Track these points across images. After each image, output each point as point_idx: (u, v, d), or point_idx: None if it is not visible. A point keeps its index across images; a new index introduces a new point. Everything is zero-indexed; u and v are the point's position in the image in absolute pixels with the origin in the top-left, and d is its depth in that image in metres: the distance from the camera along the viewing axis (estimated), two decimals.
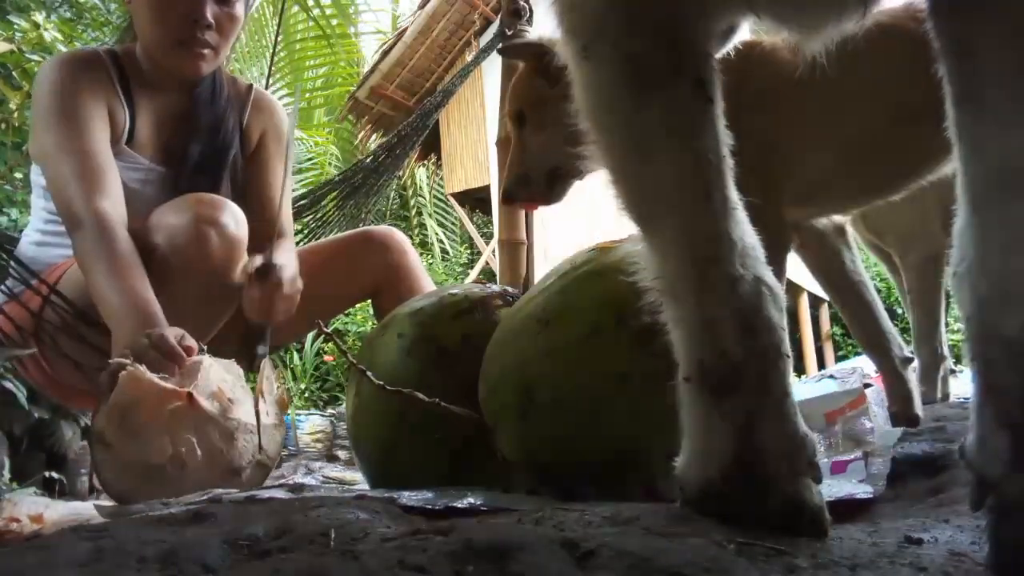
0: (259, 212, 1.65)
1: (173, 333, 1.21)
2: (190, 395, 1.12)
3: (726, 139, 0.64)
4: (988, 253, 0.55)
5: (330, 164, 8.65)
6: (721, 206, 0.62)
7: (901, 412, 1.42)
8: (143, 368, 1.12)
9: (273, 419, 1.23)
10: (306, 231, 2.24)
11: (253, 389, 1.25)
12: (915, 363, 1.55)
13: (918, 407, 1.44)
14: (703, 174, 0.62)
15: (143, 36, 1.56)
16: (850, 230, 1.56)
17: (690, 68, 0.64)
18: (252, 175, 1.72)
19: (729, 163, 0.64)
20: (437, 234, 9.80)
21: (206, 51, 1.54)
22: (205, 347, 1.26)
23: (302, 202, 2.26)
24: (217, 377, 1.18)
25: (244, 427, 1.16)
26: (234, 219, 1.43)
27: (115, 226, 1.36)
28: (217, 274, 1.42)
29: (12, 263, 1.52)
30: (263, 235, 1.58)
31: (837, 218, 1.54)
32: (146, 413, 1.10)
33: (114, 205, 1.40)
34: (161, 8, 1.51)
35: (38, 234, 1.60)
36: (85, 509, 1.10)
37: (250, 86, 1.79)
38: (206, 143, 1.63)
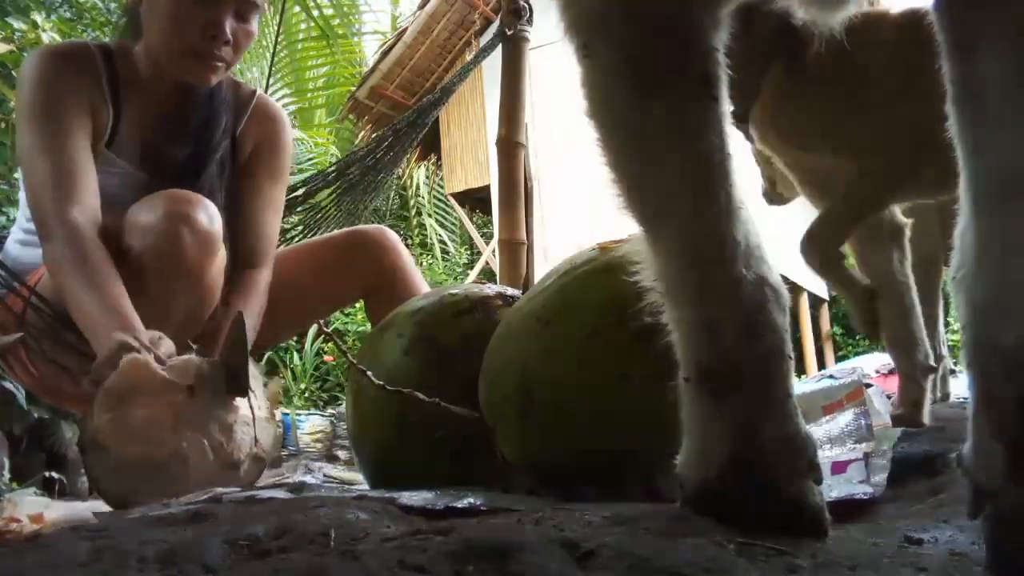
0: (241, 232, 1.60)
1: (147, 336, 1.19)
2: (191, 388, 1.11)
3: (730, 137, 0.63)
4: (987, 259, 0.54)
5: (331, 165, 8.64)
6: (725, 206, 0.61)
7: (908, 417, 1.41)
8: (148, 357, 1.11)
9: (265, 412, 1.23)
10: (301, 226, 2.23)
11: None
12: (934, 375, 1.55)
13: (926, 416, 1.44)
14: (707, 174, 0.61)
15: (152, 40, 1.52)
16: (908, 232, 1.58)
17: (694, 65, 0.62)
18: (238, 188, 1.65)
19: (734, 162, 0.63)
20: (439, 234, 9.80)
21: (219, 64, 1.51)
22: (196, 346, 1.26)
23: (296, 194, 2.21)
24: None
25: (241, 419, 1.16)
26: (207, 215, 1.39)
27: (87, 236, 1.33)
28: (192, 271, 1.38)
29: None
30: (243, 257, 1.55)
31: (900, 218, 1.57)
32: (144, 406, 1.10)
33: (87, 213, 1.37)
34: (179, 19, 1.46)
35: (23, 233, 1.57)
36: (85, 509, 1.10)
37: (253, 92, 1.74)
38: (189, 147, 1.58)
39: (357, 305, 5.69)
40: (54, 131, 1.42)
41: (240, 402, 1.18)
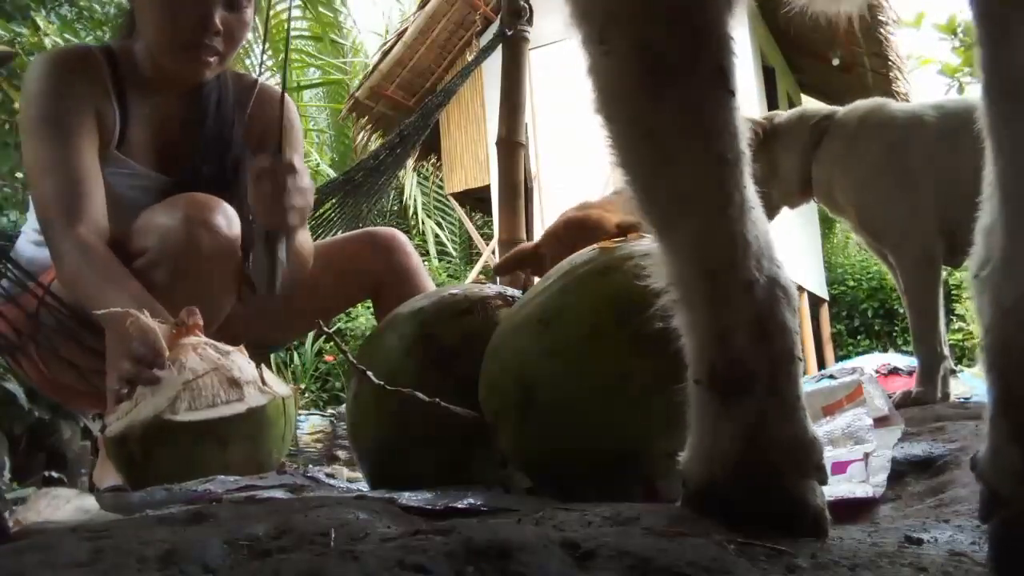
0: None
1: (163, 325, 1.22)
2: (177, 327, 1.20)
3: (745, 134, 0.60)
4: (1017, 259, 0.52)
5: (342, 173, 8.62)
6: (739, 207, 0.59)
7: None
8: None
9: (282, 389, 1.28)
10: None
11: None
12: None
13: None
14: (722, 175, 0.59)
15: (146, 36, 1.52)
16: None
17: (709, 55, 0.59)
18: None
19: (747, 159, 0.60)
20: (437, 236, 9.80)
21: (212, 58, 1.51)
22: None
23: None
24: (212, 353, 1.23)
25: (244, 360, 1.24)
26: (226, 219, 1.40)
27: (96, 248, 1.35)
28: (209, 276, 1.40)
29: (9, 265, 1.51)
30: None
31: None
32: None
33: (94, 228, 1.38)
34: (169, 10, 1.47)
35: (36, 234, 1.58)
36: (90, 506, 1.10)
37: (255, 81, 1.75)
38: (215, 154, 1.60)
39: (357, 305, 5.70)
40: (60, 143, 1.42)
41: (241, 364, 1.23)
